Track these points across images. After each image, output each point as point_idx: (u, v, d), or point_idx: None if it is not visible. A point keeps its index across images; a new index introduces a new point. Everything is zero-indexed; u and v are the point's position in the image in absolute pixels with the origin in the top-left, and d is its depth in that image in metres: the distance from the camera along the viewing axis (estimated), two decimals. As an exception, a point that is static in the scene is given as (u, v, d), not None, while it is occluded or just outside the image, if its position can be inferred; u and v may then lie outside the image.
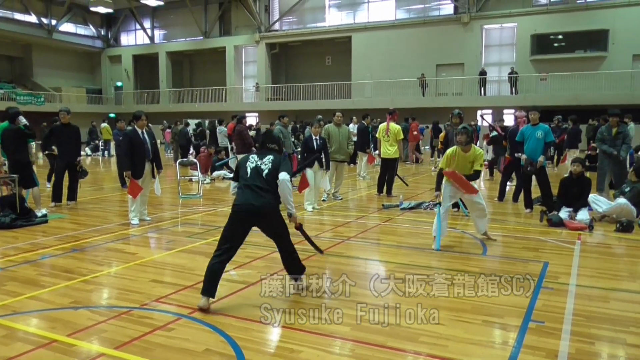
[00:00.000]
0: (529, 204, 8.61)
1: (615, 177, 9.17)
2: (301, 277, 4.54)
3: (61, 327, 3.85)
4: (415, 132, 19.13)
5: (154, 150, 7.83)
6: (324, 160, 8.86)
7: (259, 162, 4.27)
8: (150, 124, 12.70)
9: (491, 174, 13.72)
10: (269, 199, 4.17)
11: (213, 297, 4.19)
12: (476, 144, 9.49)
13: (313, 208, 8.97)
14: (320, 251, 5.02)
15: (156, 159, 7.90)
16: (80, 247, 6.39)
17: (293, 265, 4.52)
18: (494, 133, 12.44)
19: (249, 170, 4.25)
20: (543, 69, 25.82)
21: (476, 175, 6.33)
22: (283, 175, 4.19)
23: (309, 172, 8.66)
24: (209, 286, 4.16)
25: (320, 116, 9.58)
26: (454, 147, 6.32)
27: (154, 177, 7.92)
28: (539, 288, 4.69)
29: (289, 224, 4.47)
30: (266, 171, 4.21)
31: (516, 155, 8.95)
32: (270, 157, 4.30)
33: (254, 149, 11.40)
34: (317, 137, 8.84)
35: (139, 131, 7.66)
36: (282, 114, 12.14)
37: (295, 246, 4.59)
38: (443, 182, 6.35)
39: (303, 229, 4.69)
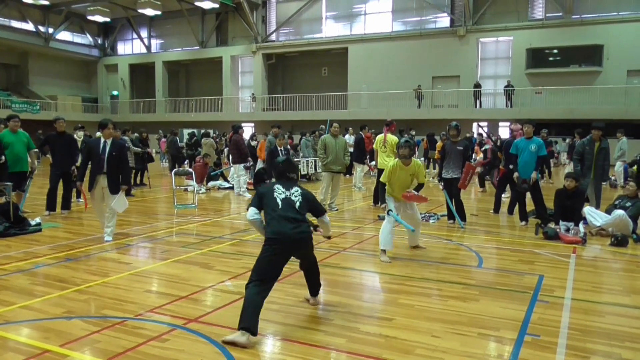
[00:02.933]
0: (523, 216, 8.63)
1: (596, 192, 8.84)
2: (316, 297, 4.58)
3: (54, 337, 3.81)
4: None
5: (116, 164, 7.20)
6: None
7: (288, 193, 4.18)
8: (123, 136, 12.71)
9: (482, 185, 13.76)
10: (306, 228, 4.15)
11: (256, 334, 3.73)
12: (471, 157, 9.61)
13: None
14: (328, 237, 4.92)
15: (122, 172, 7.33)
16: (74, 256, 6.34)
17: (315, 281, 4.52)
18: (487, 146, 12.51)
19: (279, 202, 4.09)
20: (538, 82, 26.07)
21: (420, 187, 6.45)
22: (326, 219, 4.52)
23: None
24: (254, 321, 3.72)
25: (322, 126, 9.66)
26: (396, 161, 6.27)
27: (114, 192, 7.18)
28: (534, 301, 4.69)
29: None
30: (298, 204, 4.15)
31: (510, 167, 9.03)
32: (298, 189, 4.27)
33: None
34: (282, 149, 9.02)
35: (102, 141, 7.24)
36: (275, 124, 12.21)
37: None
38: (387, 196, 6.33)
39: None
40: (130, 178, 7.58)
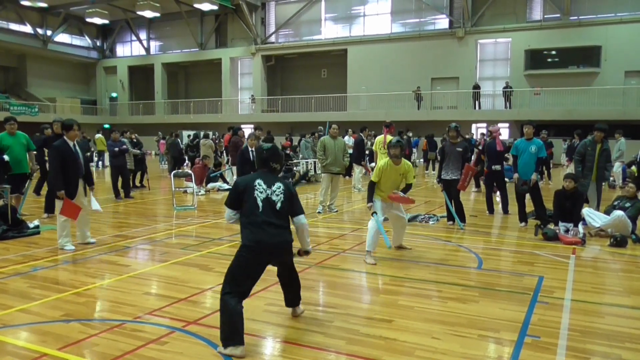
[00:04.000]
0: (523, 217, 8.63)
1: (597, 193, 8.77)
2: (299, 306, 4.31)
3: (52, 340, 3.79)
4: None
5: (87, 165, 7.12)
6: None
7: (269, 192, 3.80)
8: (121, 137, 12.72)
9: (477, 185, 13.80)
10: (286, 236, 3.81)
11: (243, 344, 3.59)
12: (471, 158, 9.64)
13: None
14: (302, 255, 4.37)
15: (87, 174, 7.11)
16: (73, 259, 6.33)
17: (294, 292, 4.23)
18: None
19: (260, 203, 3.74)
20: (537, 83, 26.10)
21: (408, 188, 6.44)
22: (302, 219, 3.97)
23: None
24: (241, 334, 3.58)
25: (321, 127, 9.68)
26: (386, 160, 6.31)
27: (85, 194, 7.10)
28: (534, 302, 4.68)
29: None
30: (279, 204, 3.80)
31: (493, 167, 9.64)
32: (280, 185, 3.87)
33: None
34: (253, 149, 9.07)
35: (70, 143, 6.86)
36: (257, 126, 12.30)
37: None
38: (375, 196, 6.33)
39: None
40: (92, 177, 7.32)
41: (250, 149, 9.11)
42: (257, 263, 3.74)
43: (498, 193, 10.15)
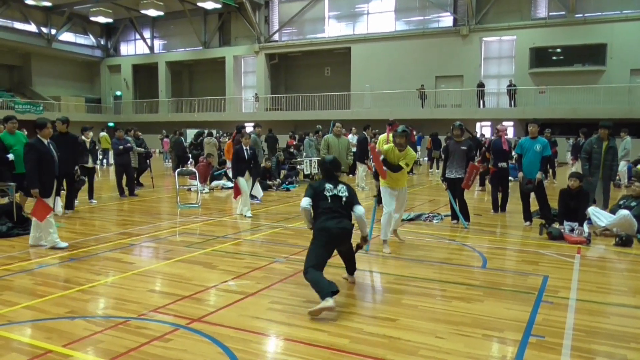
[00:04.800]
0: (527, 217, 8.59)
1: (604, 192, 8.76)
2: (353, 275, 5.28)
3: (57, 337, 3.80)
4: None
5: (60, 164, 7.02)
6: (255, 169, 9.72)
7: (335, 191, 4.87)
8: (126, 136, 12.71)
9: (482, 184, 13.76)
10: (348, 223, 4.85)
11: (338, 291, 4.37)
12: (475, 157, 9.64)
13: (251, 214, 9.29)
14: (360, 247, 5.32)
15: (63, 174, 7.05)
16: (78, 256, 6.34)
17: (352, 266, 5.25)
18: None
19: (329, 197, 4.82)
20: (542, 81, 26.00)
21: (397, 168, 6.58)
22: (360, 211, 4.92)
23: (241, 180, 9.23)
24: (330, 286, 4.33)
25: (319, 125, 9.69)
26: (392, 145, 6.64)
27: (58, 194, 6.98)
28: (539, 302, 4.66)
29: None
30: (344, 198, 4.87)
31: (500, 165, 9.67)
32: (344, 186, 4.95)
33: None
34: (247, 148, 9.13)
35: (45, 142, 6.75)
36: (257, 124, 12.32)
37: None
38: (382, 186, 6.72)
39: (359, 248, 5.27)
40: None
41: (244, 147, 9.16)
42: (330, 243, 4.77)
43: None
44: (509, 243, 7.39)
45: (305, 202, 4.81)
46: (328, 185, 4.90)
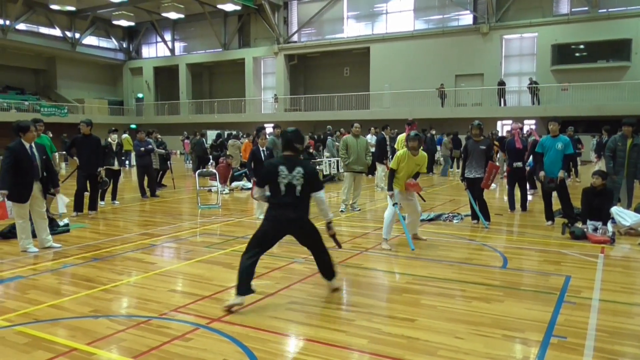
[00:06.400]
0: (549, 216, 8.47)
1: (628, 190, 8.62)
2: (333, 280, 4.83)
3: (81, 335, 3.89)
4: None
5: (46, 167, 6.79)
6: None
7: (290, 177, 4.43)
8: (147, 138, 12.89)
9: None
10: (301, 213, 4.50)
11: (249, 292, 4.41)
12: (494, 156, 9.55)
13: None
14: (339, 246, 4.94)
15: (51, 175, 6.87)
16: (101, 256, 6.47)
17: (325, 268, 4.77)
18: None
19: (282, 188, 4.44)
20: (564, 79, 25.54)
21: (417, 175, 6.99)
22: (320, 195, 4.54)
23: None
24: (247, 285, 4.38)
25: (329, 126, 9.71)
26: (404, 150, 6.86)
27: (45, 197, 6.90)
28: (560, 302, 4.60)
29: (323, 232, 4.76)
30: (299, 187, 4.45)
31: (514, 165, 9.67)
32: (300, 170, 4.46)
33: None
34: (264, 149, 9.14)
35: (27, 145, 6.52)
36: (276, 125, 12.35)
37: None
38: (394, 187, 6.84)
39: (336, 238, 4.81)
40: (57, 179, 7.14)
41: (261, 148, 9.15)
42: (275, 232, 4.56)
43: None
44: (531, 243, 7.30)
45: (257, 191, 4.70)
46: (283, 169, 4.43)
